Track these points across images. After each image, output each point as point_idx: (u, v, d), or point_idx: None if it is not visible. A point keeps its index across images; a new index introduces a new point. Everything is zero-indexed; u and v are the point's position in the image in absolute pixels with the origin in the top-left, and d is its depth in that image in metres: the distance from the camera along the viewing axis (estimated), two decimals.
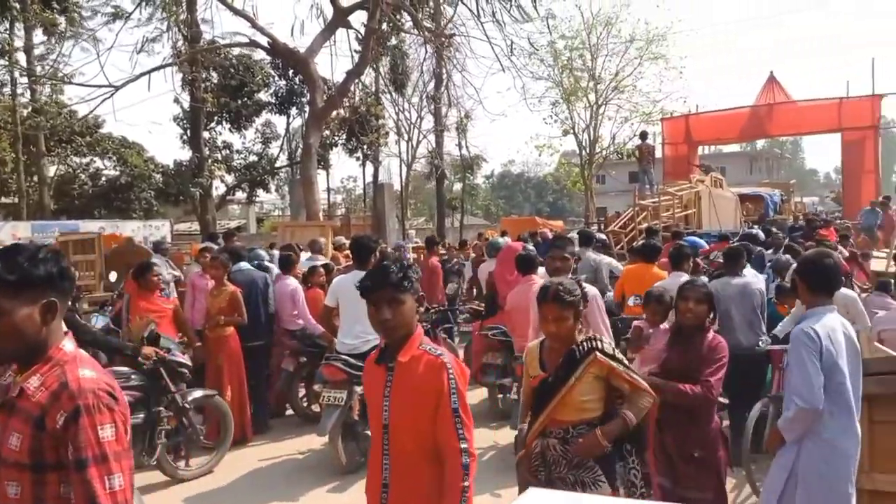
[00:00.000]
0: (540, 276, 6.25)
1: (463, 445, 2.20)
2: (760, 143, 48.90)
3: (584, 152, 24.90)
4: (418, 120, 26.09)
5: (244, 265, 7.04)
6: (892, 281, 7.31)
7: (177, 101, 21.98)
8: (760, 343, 5.40)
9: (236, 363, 6.37)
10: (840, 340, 3.00)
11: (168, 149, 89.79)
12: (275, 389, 7.10)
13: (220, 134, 26.08)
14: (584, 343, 2.87)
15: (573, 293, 2.87)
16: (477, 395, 7.92)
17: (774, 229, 11.48)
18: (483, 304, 8.39)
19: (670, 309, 4.19)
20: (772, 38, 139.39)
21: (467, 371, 2.32)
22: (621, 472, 2.86)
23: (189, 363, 5.48)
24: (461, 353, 8.74)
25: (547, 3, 23.06)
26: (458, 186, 33.62)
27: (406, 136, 26.39)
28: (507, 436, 6.25)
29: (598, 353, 2.82)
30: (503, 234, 17.76)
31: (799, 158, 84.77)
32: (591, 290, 4.27)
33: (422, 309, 2.69)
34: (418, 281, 2.36)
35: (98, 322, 7.34)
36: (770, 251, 9.00)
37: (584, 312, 3.01)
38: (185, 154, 24.63)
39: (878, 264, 10.23)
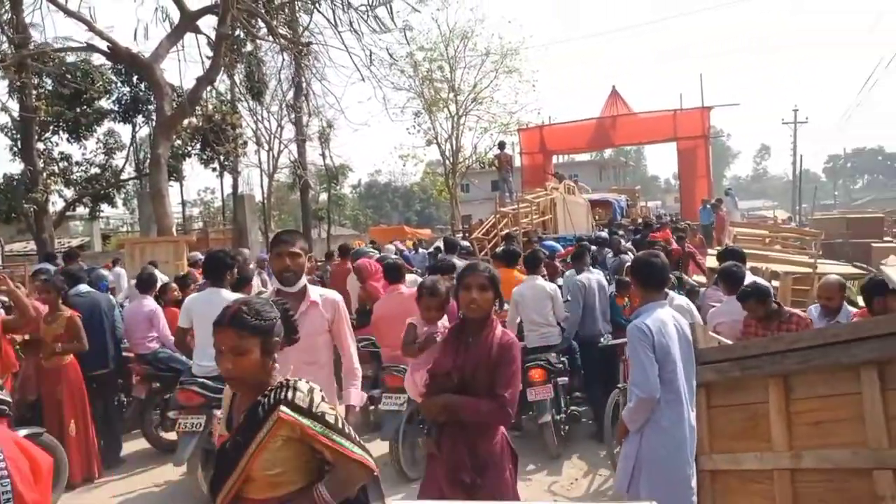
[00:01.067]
0: (408, 285, 6.29)
1: None
2: (608, 152, 52.42)
3: (447, 162, 25.43)
4: (279, 129, 25.42)
5: (83, 288, 6.49)
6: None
7: (4, 109, 19.78)
8: (603, 339, 5.91)
9: (78, 394, 5.84)
10: (671, 333, 3.24)
11: None
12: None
13: (57, 145, 23.76)
14: (272, 393, 2.09)
15: (262, 316, 2.09)
16: None
17: (621, 232, 12.33)
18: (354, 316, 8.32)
19: (447, 302, 3.55)
20: (618, 53, 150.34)
21: None
22: None
23: (8, 399, 4.90)
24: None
25: (404, 15, 23.36)
26: (324, 196, 33.08)
27: (266, 146, 25.60)
28: (378, 448, 6.16)
29: (282, 409, 2.04)
30: (372, 243, 17.70)
31: (642, 166, 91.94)
32: (334, 297, 3.57)
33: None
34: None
35: None
36: (611, 254, 9.78)
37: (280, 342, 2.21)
38: (17, 167, 22.28)
39: (712, 261, 11.24)
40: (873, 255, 15.80)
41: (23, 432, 4.94)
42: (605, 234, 12.35)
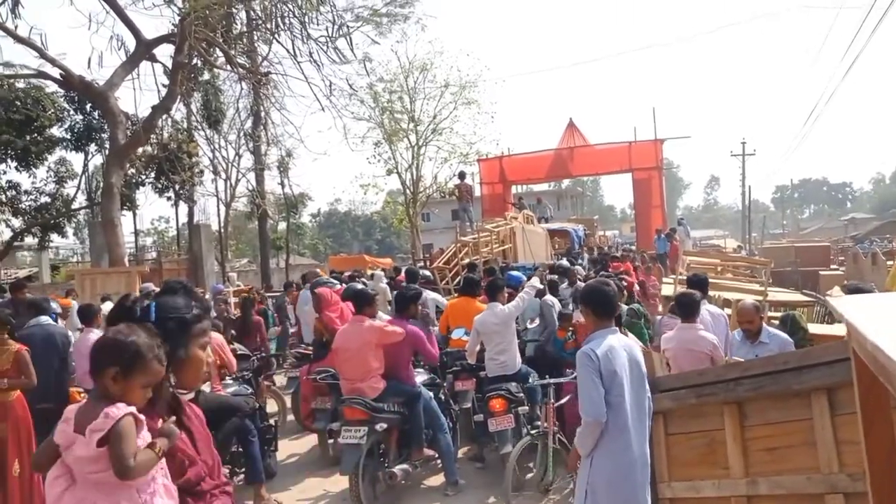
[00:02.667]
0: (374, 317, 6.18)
1: None
2: (566, 182, 53.28)
3: (407, 191, 25.48)
4: (236, 158, 25.17)
5: (44, 319, 6.29)
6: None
7: None
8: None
9: (25, 432, 5.58)
10: (619, 359, 3.31)
11: None
12: None
13: (5, 173, 23.10)
14: None
15: None
16: (307, 442, 7.64)
17: (580, 261, 12.49)
18: (310, 347, 8.18)
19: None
20: (570, 87, 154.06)
21: None
22: None
23: None
24: (288, 399, 8.40)
25: (364, 47, 23.47)
26: (282, 226, 32.73)
27: (223, 175, 25.30)
28: (337, 483, 6.06)
29: None
30: (332, 272, 17.54)
31: (599, 195, 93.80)
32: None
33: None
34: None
35: None
36: (565, 284, 9.89)
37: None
38: None
39: (667, 289, 11.45)
40: (821, 282, 16.36)
41: None
42: (566, 262, 12.46)
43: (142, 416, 1.89)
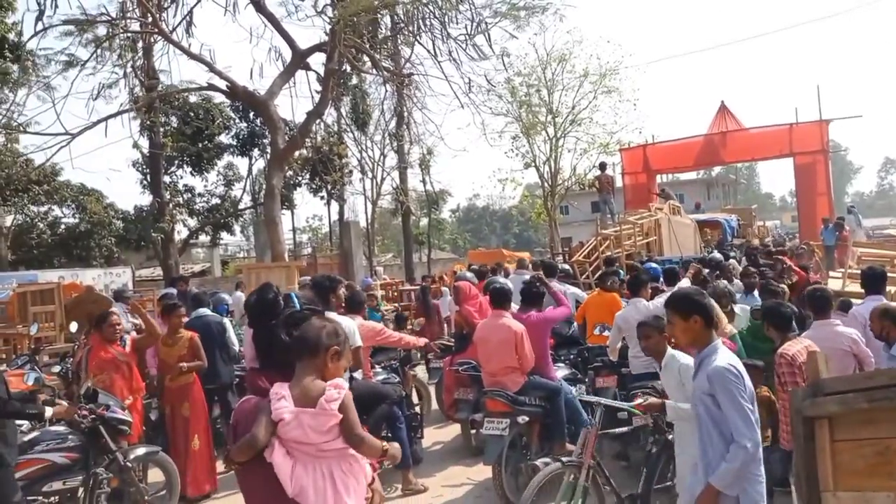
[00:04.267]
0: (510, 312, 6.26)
1: None
2: (716, 170, 50.16)
3: (545, 184, 25.24)
4: (381, 157, 26.31)
5: (203, 310, 7.06)
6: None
7: (135, 146, 21.75)
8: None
9: (201, 410, 6.30)
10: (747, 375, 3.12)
11: (128, 194, 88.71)
12: None
13: (182, 178, 25.88)
14: None
15: None
16: (450, 432, 7.86)
17: (734, 254, 11.73)
18: (452, 339, 8.41)
19: None
20: (722, 69, 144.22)
21: None
22: None
23: (130, 419, 5.28)
24: (432, 389, 8.69)
25: (502, 42, 23.32)
26: (424, 221, 33.76)
27: (370, 174, 26.55)
28: (481, 472, 6.19)
29: None
30: (470, 266, 17.86)
31: (754, 183, 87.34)
32: None
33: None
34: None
35: (29, 379, 6.86)
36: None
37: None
38: (146, 199, 24.34)
39: (834, 284, 10.48)
40: None
41: (140, 451, 5.33)
42: (718, 255, 11.73)
43: None
